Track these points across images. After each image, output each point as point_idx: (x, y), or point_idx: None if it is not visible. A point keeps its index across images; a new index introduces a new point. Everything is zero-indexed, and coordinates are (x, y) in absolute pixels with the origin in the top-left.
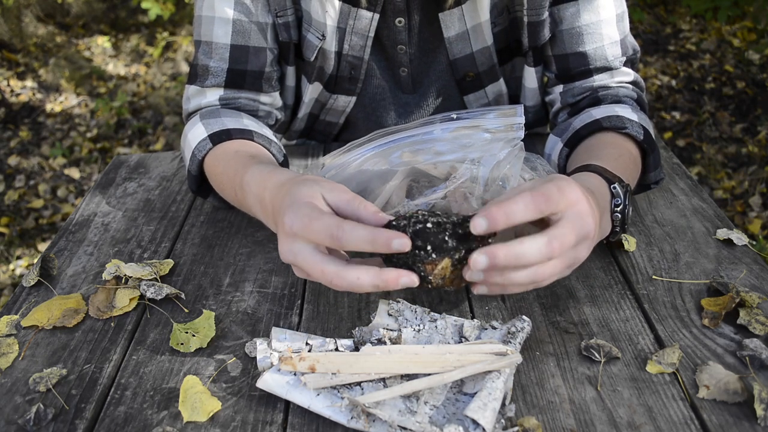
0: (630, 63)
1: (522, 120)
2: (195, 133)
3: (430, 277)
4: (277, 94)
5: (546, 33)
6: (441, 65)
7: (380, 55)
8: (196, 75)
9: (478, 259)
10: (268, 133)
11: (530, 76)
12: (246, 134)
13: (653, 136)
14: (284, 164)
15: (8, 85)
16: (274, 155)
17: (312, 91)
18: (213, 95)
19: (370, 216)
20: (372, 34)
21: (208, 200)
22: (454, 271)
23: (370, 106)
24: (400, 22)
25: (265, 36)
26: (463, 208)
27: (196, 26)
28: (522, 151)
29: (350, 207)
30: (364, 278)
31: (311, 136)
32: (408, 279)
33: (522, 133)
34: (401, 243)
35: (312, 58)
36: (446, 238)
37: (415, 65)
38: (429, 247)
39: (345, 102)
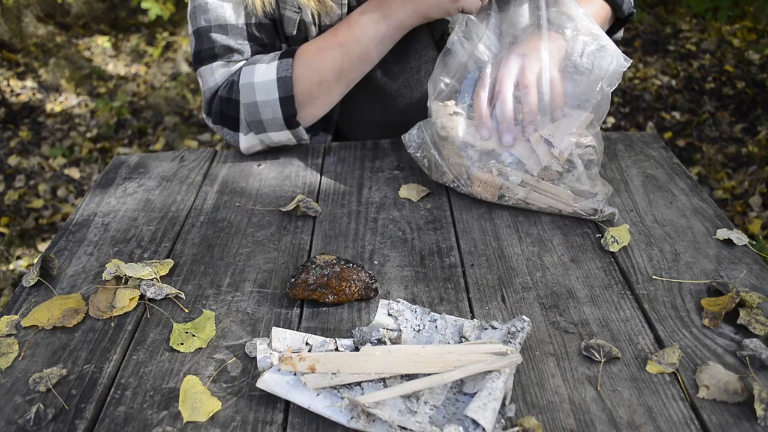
0: None
1: None
2: (259, 71)
3: None
4: None
5: None
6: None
7: None
8: (215, 55)
9: None
10: None
11: None
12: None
13: None
14: None
15: (8, 85)
16: None
17: None
18: (248, 61)
19: None
20: (344, 0)
21: (297, 131)
22: None
23: None
24: None
25: (265, 15)
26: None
27: (200, 13)
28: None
29: None
30: None
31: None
32: None
33: None
34: None
35: (294, 32)
36: None
37: None
38: None
39: None
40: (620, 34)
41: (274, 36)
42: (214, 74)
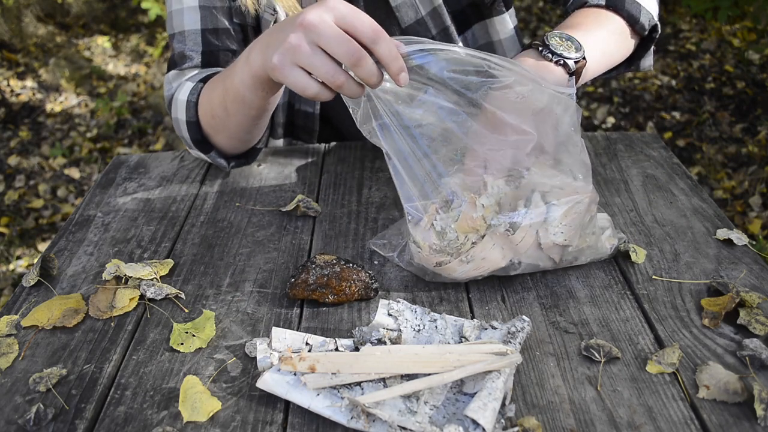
0: None
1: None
2: (184, 88)
3: None
4: None
5: None
6: (393, 35)
7: None
8: (175, 62)
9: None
10: None
11: (504, 27)
12: None
13: None
14: None
15: (8, 85)
16: None
17: None
18: (192, 75)
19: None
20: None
21: (211, 156)
22: None
23: None
24: None
25: (229, 18)
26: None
27: (168, 21)
28: None
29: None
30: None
31: (295, 135)
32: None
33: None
34: (405, 78)
35: None
36: None
37: None
38: None
39: None
40: (649, 60)
41: (234, 42)
42: (171, 83)
